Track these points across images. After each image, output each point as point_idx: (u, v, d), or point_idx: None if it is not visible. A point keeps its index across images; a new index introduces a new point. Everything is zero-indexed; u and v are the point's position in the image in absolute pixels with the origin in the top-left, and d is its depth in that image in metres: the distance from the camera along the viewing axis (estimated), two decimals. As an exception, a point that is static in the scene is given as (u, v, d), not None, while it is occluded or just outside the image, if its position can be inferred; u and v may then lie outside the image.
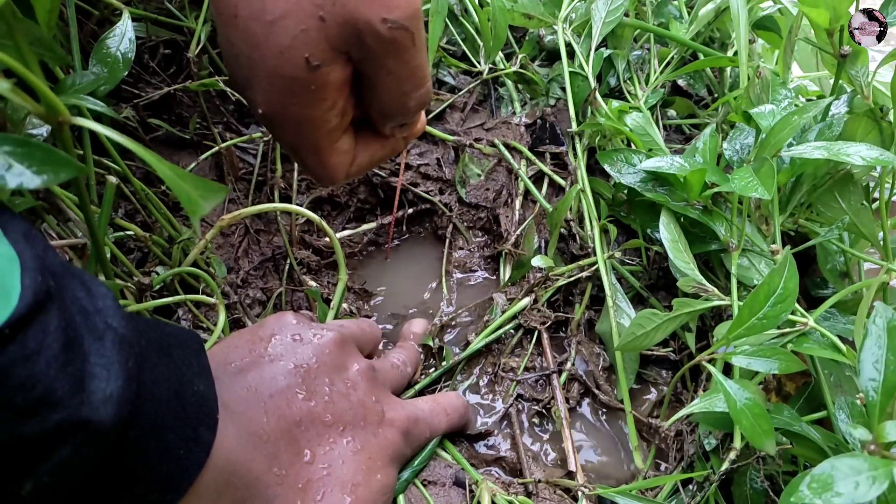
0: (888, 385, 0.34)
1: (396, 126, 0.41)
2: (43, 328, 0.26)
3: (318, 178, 0.41)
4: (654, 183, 0.53)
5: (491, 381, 0.55)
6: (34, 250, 0.27)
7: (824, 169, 0.52)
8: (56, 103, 0.29)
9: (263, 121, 0.39)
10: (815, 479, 0.30)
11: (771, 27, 0.69)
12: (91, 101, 0.37)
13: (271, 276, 0.59)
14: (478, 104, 0.73)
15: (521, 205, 0.65)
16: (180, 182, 0.31)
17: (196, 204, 0.32)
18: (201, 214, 0.32)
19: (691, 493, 0.46)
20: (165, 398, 0.32)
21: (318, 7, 0.33)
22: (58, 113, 0.29)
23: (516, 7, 0.68)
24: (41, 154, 0.26)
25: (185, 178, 0.32)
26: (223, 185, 0.34)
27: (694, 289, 0.48)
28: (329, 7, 0.33)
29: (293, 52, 0.34)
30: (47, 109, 0.29)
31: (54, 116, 0.29)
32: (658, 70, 0.68)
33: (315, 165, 0.40)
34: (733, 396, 0.40)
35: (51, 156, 0.26)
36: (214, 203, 0.33)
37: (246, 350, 0.43)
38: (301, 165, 0.43)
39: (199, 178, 0.33)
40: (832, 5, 0.48)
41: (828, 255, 0.56)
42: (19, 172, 0.25)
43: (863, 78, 0.50)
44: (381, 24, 0.33)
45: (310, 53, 0.34)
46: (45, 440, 0.26)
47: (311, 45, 0.34)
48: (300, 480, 0.39)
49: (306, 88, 0.35)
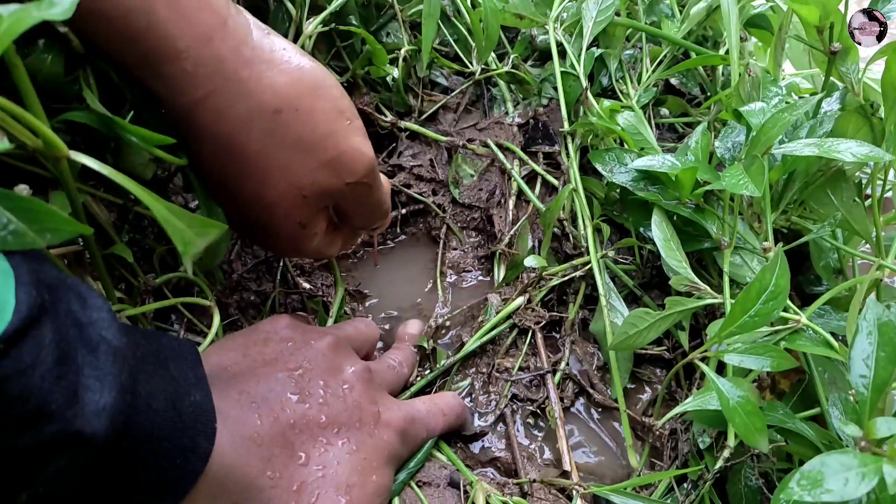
0: (878, 381, 0.34)
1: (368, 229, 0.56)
2: (37, 342, 0.26)
3: (314, 259, 0.62)
4: (646, 182, 0.53)
5: (485, 381, 0.55)
6: (29, 263, 0.27)
7: (816, 166, 0.52)
8: (53, 139, 0.29)
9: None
10: (805, 475, 0.30)
11: (763, 25, 0.69)
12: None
13: (265, 278, 0.59)
14: (470, 105, 0.73)
15: (515, 205, 0.65)
16: (175, 220, 0.31)
17: (190, 244, 0.32)
18: (195, 253, 0.32)
19: (686, 491, 0.46)
20: (161, 409, 0.32)
21: (300, 190, 0.43)
22: (56, 148, 0.30)
23: (508, 7, 0.68)
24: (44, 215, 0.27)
25: (179, 216, 0.32)
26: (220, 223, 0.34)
27: (686, 287, 0.48)
28: (308, 187, 0.43)
29: (288, 222, 0.45)
30: (46, 145, 0.29)
31: (52, 151, 0.30)
32: (650, 69, 0.68)
33: (309, 256, 0.58)
34: (726, 394, 0.40)
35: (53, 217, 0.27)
36: (209, 240, 0.33)
37: (240, 354, 0.44)
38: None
39: (194, 215, 0.33)
40: (822, 2, 0.48)
41: (821, 253, 0.57)
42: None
43: (853, 75, 0.51)
44: (346, 187, 0.45)
45: (300, 219, 0.45)
46: (40, 452, 0.27)
47: (300, 214, 0.45)
48: (294, 483, 0.39)
49: (300, 235, 0.47)
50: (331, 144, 0.43)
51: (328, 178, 0.44)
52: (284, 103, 0.41)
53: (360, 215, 0.49)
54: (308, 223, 0.46)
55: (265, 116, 0.41)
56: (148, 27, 0.37)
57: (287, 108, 0.41)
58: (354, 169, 0.44)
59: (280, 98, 0.41)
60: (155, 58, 0.38)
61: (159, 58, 0.38)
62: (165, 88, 0.39)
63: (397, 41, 0.70)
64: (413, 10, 0.71)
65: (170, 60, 0.38)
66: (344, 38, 0.67)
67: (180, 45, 0.38)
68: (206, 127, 0.41)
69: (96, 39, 0.38)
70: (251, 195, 0.43)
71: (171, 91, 0.39)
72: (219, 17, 0.39)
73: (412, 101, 0.71)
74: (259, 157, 0.42)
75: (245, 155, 0.42)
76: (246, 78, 0.40)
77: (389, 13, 0.71)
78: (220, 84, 0.40)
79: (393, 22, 0.71)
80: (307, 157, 0.43)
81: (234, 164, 0.42)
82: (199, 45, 0.38)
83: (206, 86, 0.39)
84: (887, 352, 0.34)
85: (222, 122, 0.40)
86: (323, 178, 0.44)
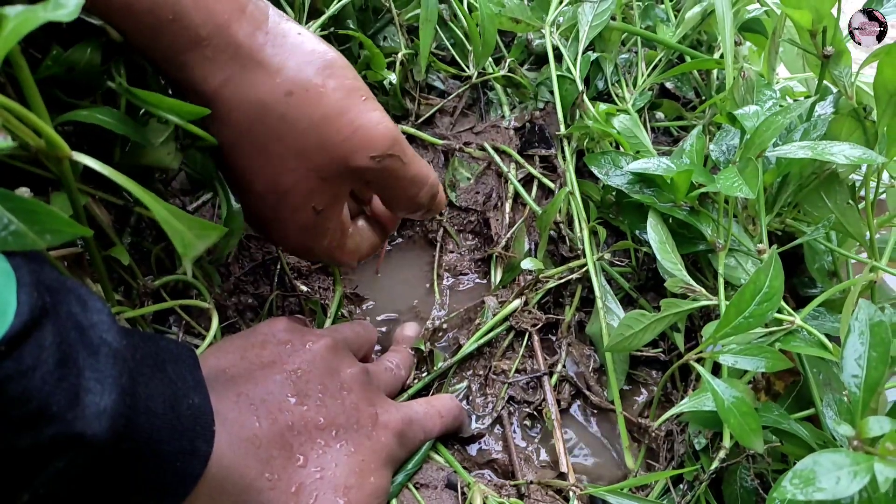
0: (870, 381, 0.34)
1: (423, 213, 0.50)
2: (39, 344, 0.26)
3: (335, 265, 0.54)
4: (641, 184, 0.53)
5: (482, 384, 0.55)
6: (31, 266, 0.27)
7: (810, 168, 0.52)
8: (56, 139, 0.29)
9: (278, 245, 0.54)
10: (798, 474, 0.30)
11: (758, 29, 0.70)
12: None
13: (263, 281, 0.59)
14: (467, 108, 0.73)
15: (511, 208, 0.65)
16: (175, 222, 0.32)
17: (190, 245, 0.32)
18: (195, 255, 0.33)
19: (682, 492, 0.46)
20: (160, 411, 0.32)
21: (317, 171, 0.42)
22: (58, 148, 0.30)
23: (504, 12, 0.69)
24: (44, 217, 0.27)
25: (180, 218, 0.32)
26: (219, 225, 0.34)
27: (681, 289, 0.48)
28: (325, 168, 0.42)
29: (304, 207, 0.43)
30: (48, 145, 0.30)
31: (54, 151, 0.30)
32: (645, 73, 0.69)
33: (333, 262, 0.51)
34: (721, 395, 0.40)
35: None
36: (209, 242, 0.34)
37: (238, 356, 0.44)
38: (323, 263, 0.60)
39: (194, 218, 0.33)
40: (814, 6, 0.48)
41: (815, 255, 0.57)
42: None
43: (846, 78, 0.51)
44: (370, 162, 0.42)
45: (316, 204, 0.43)
46: (40, 453, 0.27)
47: (316, 198, 0.43)
48: (293, 484, 0.40)
49: (316, 225, 0.45)
50: (345, 122, 0.42)
51: (349, 156, 0.42)
52: (295, 85, 0.41)
53: (400, 195, 0.46)
54: (323, 208, 0.44)
55: (278, 100, 0.41)
56: (174, 18, 0.38)
57: (297, 89, 0.41)
58: (375, 143, 0.42)
59: (290, 80, 0.41)
60: (180, 47, 0.39)
61: (184, 46, 0.39)
62: (189, 78, 0.40)
63: (395, 45, 0.71)
64: (410, 14, 0.72)
65: (192, 48, 0.39)
66: (342, 42, 0.67)
67: (203, 32, 0.39)
68: (226, 114, 0.41)
69: (124, 35, 0.39)
70: (269, 183, 0.43)
71: (194, 80, 0.40)
72: (238, 3, 0.40)
73: (409, 104, 0.71)
74: (274, 142, 0.42)
75: (262, 141, 0.42)
76: (259, 63, 0.41)
77: (387, 17, 0.72)
78: (236, 70, 0.40)
79: (390, 26, 0.72)
80: (322, 137, 0.41)
81: (252, 152, 0.42)
82: (219, 31, 0.39)
83: (224, 72, 0.40)
84: (879, 352, 0.35)
85: (240, 108, 0.41)
86: (342, 158, 0.42)
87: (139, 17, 0.37)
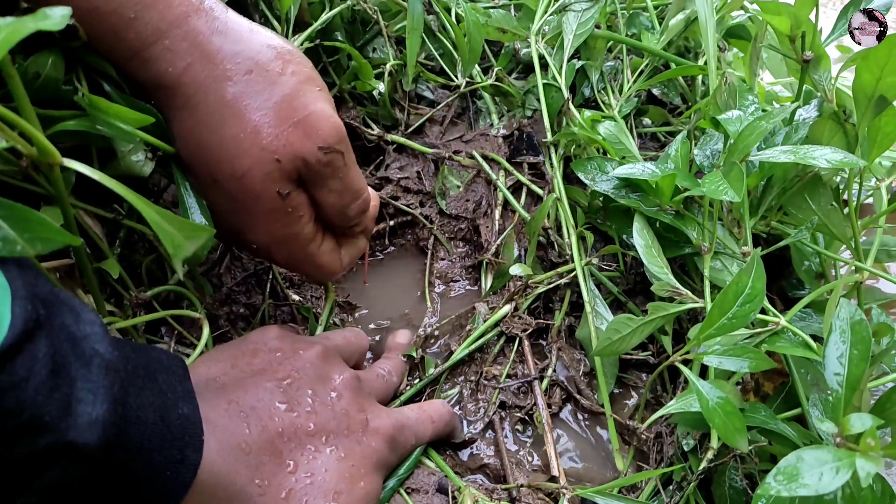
0: (852, 379, 0.35)
1: (353, 227, 0.51)
2: (32, 356, 0.27)
3: (320, 278, 0.52)
4: (627, 189, 0.54)
5: (474, 389, 0.55)
6: (25, 278, 0.28)
7: (793, 172, 0.53)
8: (47, 146, 0.30)
9: (258, 253, 0.50)
10: (782, 471, 0.31)
11: (743, 35, 0.70)
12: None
13: (254, 291, 0.60)
14: (456, 117, 0.74)
15: (501, 215, 0.66)
16: (165, 224, 0.32)
17: (180, 247, 0.33)
18: (184, 256, 0.33)
19: (671, 493, 0.46)
20: (151, 421, 0.33)
21: (272, 153, 0.43)
22: (50, 155, 0.30)
23: (490, 21, 0.70)
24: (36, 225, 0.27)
25: (170, 220, 0.33)
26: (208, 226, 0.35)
27: (668, 292, 0.49)
28: (281, 151, 0.43)
29: (266, 192, 0.43)
30: (40, 152, 0.30)
31: (46, 158, 0.30)
32: (631, 80, 0.69)
33: (312, 269, 0.50)
34: (705, 395, 0.41)
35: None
36: (199, 244, 0.34)
37: (229, 364, 0.44)
38: (302, 275, 0.60)
39: (184, 220, 0.33)
40: (793, 13, 0.49)
41: (802, 257, 0.58)
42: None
43: (826, 82, 0.52)
44: (318, 152, 0.44)
45: (279, 188, 0.43)
46: (33, 463, 0.27)
47: (277, 182, 0.43)
48: (283, 490, 0.40)
49: (284, 212, 0.45)
50: (300, 105, 0.43)
51: (300, 139, 0.43)
52: (255, 65, 0.43)
53: (333, 200, 0.47)
54: (288, 194, 0.44)
55: (237, 79, 0.42)
56: (135, 16, 0.40)
57: (257, 69, 0.43)
58: (325, 132, 0.44)
59: (251, 60, 0.43)
60: (141, 43, 0.41)
61: (145, 42, 0.41)
62: (153, 74, 0.42)
63: (383, 56, 0.72)
64: (398, 25, 0.72)
65: (154, 42, 0.41)
66: (330, 53, 0.68)
67: (162, 25, 0.41)
68: (187, 100, 0.42)
69: (88, 39, 0.40)
70: (228, 170, 0.43)
71: (158, 74, 0.42)
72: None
73: (399, 114, 0.72)
74: (231, 122, 0.42)
75: (218, 122, 0.43)
76: (219, 48, 0.42)
77: (375, 29, 0.73)
78: (197, 56, 0.42)
79: (378, 37, 0.73)
80: (277, 116, 0.43)
81: (210, 138, 0.43)
82: (178, 22, 0.41)
83: (185, 59, 0.42)
84: (860, 350, 0.35)
85: (200, 89, 0.42)
86: (295, 140, 0.43)
87: (104, 18, 0.39)
